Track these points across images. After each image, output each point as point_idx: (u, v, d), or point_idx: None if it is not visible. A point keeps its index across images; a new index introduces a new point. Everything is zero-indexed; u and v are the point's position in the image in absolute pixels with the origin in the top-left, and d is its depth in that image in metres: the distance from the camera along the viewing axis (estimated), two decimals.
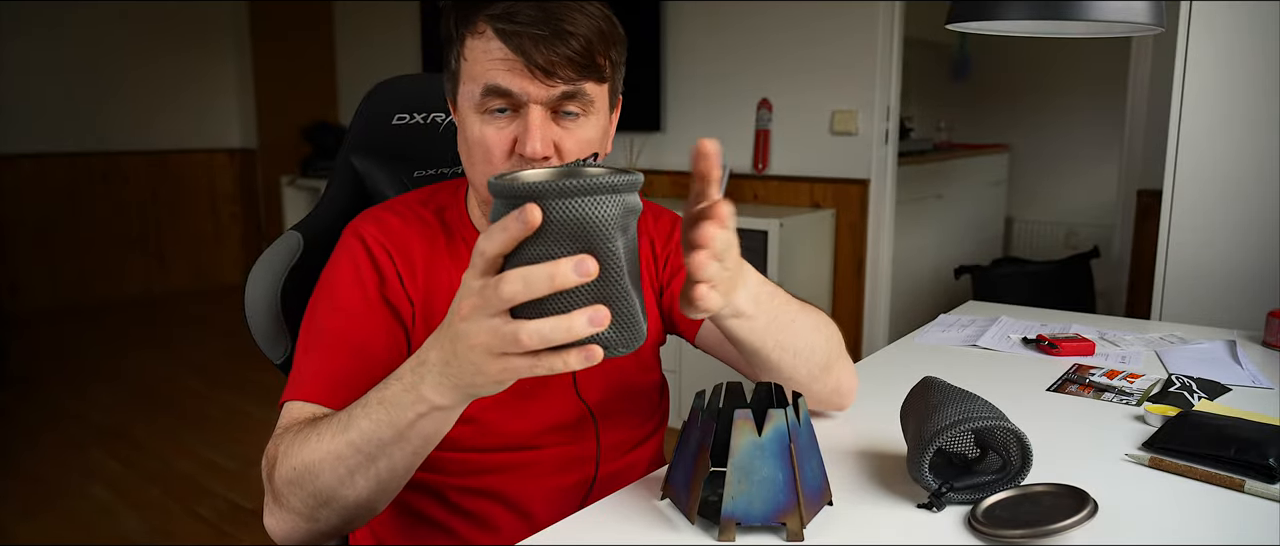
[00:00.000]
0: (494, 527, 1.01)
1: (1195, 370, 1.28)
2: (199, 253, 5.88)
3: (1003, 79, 5.46)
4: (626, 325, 0.64)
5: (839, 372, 1.01)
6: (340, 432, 0.79)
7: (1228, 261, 1.86)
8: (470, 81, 0.90)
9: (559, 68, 0.87)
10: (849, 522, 0.80)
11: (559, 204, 0.61)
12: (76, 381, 3.87)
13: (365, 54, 5.24)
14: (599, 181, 0.62)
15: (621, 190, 0.63)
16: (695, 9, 3.71)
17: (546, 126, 0.89)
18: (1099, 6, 1.05)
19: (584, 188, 0.61)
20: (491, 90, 0.88)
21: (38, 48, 5.06)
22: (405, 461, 0.79)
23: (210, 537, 2.48)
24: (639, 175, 0.65)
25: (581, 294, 0.63)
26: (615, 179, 0.62)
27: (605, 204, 0.62)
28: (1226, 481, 0.87)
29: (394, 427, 0.75)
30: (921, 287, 4.16)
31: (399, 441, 0.76)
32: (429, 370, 0.72)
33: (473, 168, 0.94)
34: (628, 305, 0.64)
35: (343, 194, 1.20)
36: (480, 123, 0.91)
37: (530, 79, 0.87)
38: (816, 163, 3.47)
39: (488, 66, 0.88)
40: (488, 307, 0.64)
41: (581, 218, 0.62)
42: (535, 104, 0.88)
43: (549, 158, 0.90)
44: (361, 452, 0.78)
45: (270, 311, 1.10)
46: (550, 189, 0.61)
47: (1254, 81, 1.81)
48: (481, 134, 0.91)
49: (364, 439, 0.77)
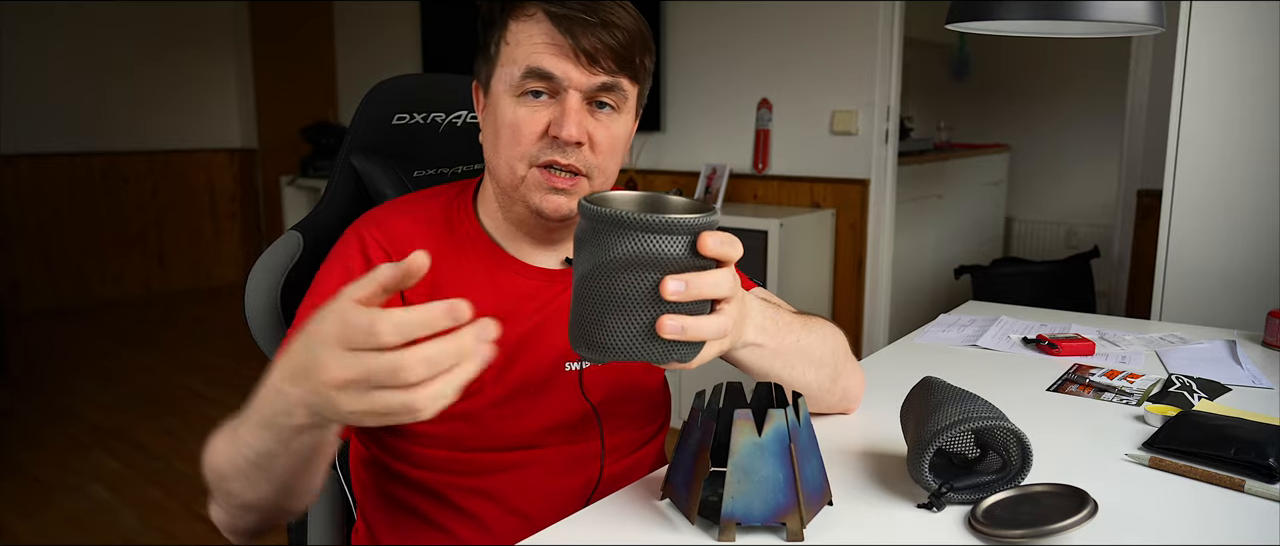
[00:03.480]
0: (494, 527, 1.01)
1: (1195, 370, 1.28)
2: (199, 252, 5.88)
3: (1003, 79, 5.46)
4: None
5: (846, 380, 1.03)
6: (230, 444, 0.74)
7: (1228, 261, 1.86)
8: (510, 64, 0.91)
9: (602, 57, 0.89)
10: (849, 522, 0.80)
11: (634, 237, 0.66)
12: (76, 381, 3.87)
13: (365, 54, 5.24)
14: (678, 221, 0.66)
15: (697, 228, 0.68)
16: (695, 9, 3.71)
17: (583, 114, 0.91)
18: (1099, 6, 1.05)
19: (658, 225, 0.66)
20: (533, 72, 0.89)
21: (38, 48, 5.06)
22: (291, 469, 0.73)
23: (210, 537, 2.48)
24: (714, 213, 0.70)
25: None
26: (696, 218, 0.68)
27: (674, 242, 0.67)
28: (1226, 481, 0.87)
29: (273, 433, 0.68)
30: (921, 287, 4.16)
31: (282, 448, 0.70)
32: (294, 401, 0.64)
33: (498, 152, 0.94)
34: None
35: (343, 194, 1.20)
36: (515, 105, 0.91)
37: (573, 64, 0.89)
38: (816, 163, 3.47)
39: (531, 49, 0.89)
40: (370, 378, 0.56)
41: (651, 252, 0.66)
42: (574, 89, 0.89)
43: (582, 144, 0.91)
44: (245, 459, 0.72)
45: (270, 311, 1.10)
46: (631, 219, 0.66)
47: (1254, 81, 1.81)
48: (515, 115, 0.91)
49: (248, 450, 0.71)
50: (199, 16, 5.74)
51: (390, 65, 4.87)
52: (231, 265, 6.03)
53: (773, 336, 0.88)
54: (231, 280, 5.98)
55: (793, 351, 0.91)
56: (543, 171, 0.92)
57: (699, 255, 0.68)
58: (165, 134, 5.66)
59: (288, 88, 5.75)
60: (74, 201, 5.30)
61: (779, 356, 0.90)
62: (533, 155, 0.92)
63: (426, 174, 1.23)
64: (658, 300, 0.67)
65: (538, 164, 0.92)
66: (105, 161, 5.41)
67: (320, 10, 5.43)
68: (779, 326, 0.89)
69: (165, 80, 5.61)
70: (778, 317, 0.89)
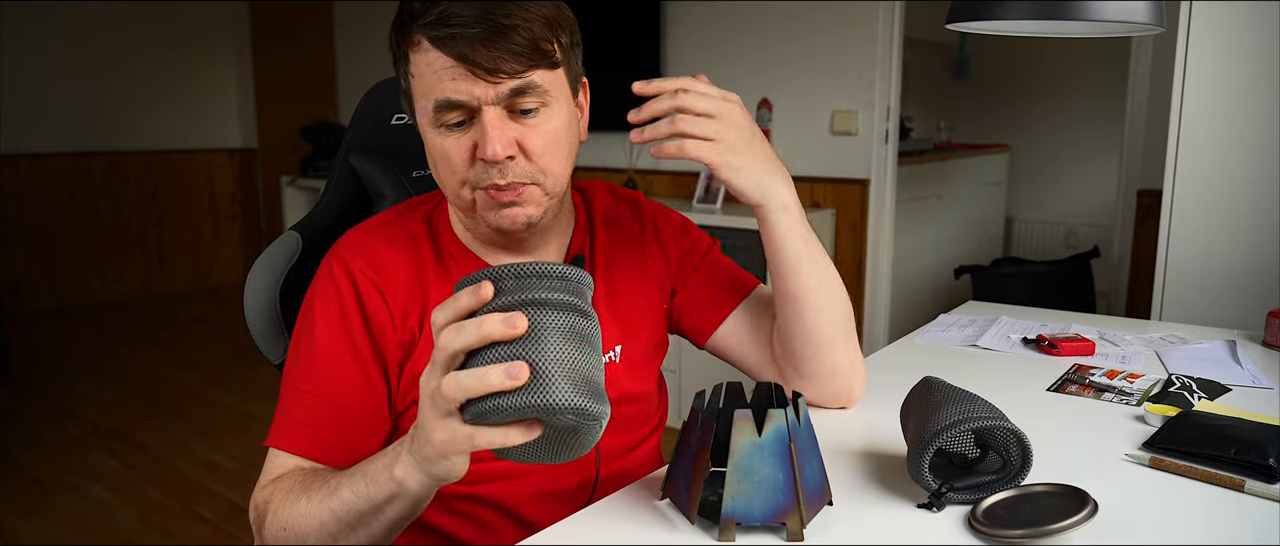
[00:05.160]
0: (494, 532, 1.00)
1: (1195, 370, 1.28)
2: (199, 252, 5.88)
3: (1003, 79, 5.46)
4: (563, 394, 0.63)
5: (855, 347, 1.05)
6: (326, 498, 0.81)
7: (1228, 261, 1.86)
8: (422, 98, 0.89)
9: (503, 63, 0.85)
10: (849, 522, 0.80)
11: (510, 282, 0.65)
12: (76, 381, 3.87)
13: (365, 54, 5.24)
14: (544, 266, 0.66)
15: (568, 278, 0.67)
16: (695, 9, 3.71)
17: (504, 126, 0.87)
18: (1099, 6, 1.05)
19: (529, 270, 0.66)
20: (442, 105, 0.87)
21: (38, 48, 5.06)
22: (382, 534, 0.80)
23: (210, 537, 2.48)
24: (583, 273, 0.68)
25: (516, 358, 0.64)
26: (557, 267, 0.67)
27: (547, 285, 0.66)
28: (1226, 481, 0.87)
29: (371, 501, 0.77)
30: (921, 288, 4.16)
31: (374, 515, 0.78)
32: (403, 446, 0.74)
33: (443, 182, 0.93)
34: (566, 377, 0.64)
35: (342, 194, 1.20)
36: (439, 137, 0.90)
37: (475, 82, 0.85)
38: (816, 162, 3.47)
39: (432, 80, 0.87)
40: (434, 367, 0.66)
41: (531, 298, 0.65)
42: (487, 105, 0.86)
43: (513, 157, 0.89)
44: (341, 521, 0.80)
45: (269, 312, 1.10)
46: (500, 272, 0.65)
47: (1254, 81, 1.81)
48: (443, 146, 0.90)
49: (345, 508, 0.79)
50: (199, 16, 5.74)
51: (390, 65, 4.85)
52: (231, 265, 6.03)
53: (802, 221, 0.95)
54: (231, 280, 5.98)
55: (820, 257, 0.97)
56: (487, 192, 0.90)
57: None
58: (165, 134, 5.66)
59: (288, 88, 5.75)
60: (74, 201, 5.30)
61: (809, 249, 0.96)
62: (472, 181, 0.90)
63: (426, 174, 1.23)
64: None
65: (480, 188, 0.90)
66: (105, 161, 5.41)
67: (320, 10, 5.43)
68: (814, 237, 0.97)
69: (165, 80, 5.61)
70: (812, 234, 0.97)
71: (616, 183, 1.60)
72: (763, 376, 1.07)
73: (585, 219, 1.07)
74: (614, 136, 3.92)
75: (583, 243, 1.05)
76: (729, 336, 1.08)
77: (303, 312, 0.97)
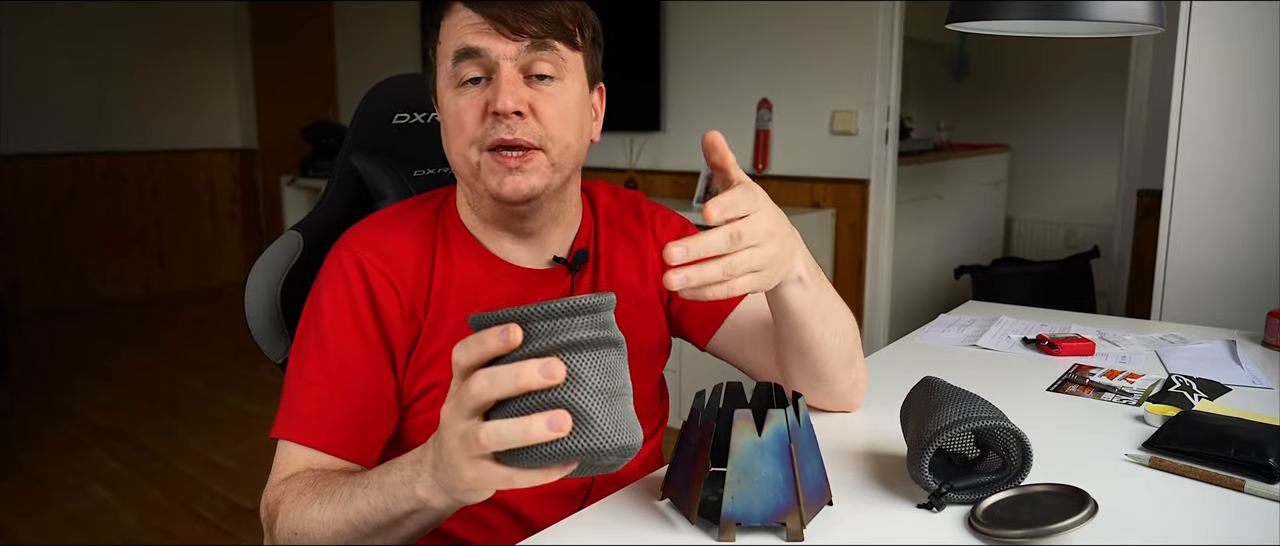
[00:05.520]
0: (494, 531, 1.01)
1: (1195, 370, 1.28)
2: (199, 252, 5.89)
3: (1003, 79, 5.46)
4: (607, 437, 0.62)
5: (860, 365, 1.04)
6: (340, 507, 0.80)
7: (1228, 261, 1.86)
8: (445, 57, 0.92)
9: (525, 23, 0.89)
10: (849, 522, 0.80)
11: (541, 324, 0.62)
12: (77, 381, 3.87)
13: (365, 54, 5.24)
14: (575, 303, 0.63)
15: (599, 309, 0.64)
16: (695, 9, 3.71)
17: (517, 84, 0.89)
18: (1099, 6, 1.05)
19: (560, 309, 0.62)
20: (462, 53, 0.90)
21: (38, 48, 5.06)
22: (402, 541, 0.80)
23: (210, 537, 2.48)
24: (610, 295, 0.65)
25: (555, 403, 0.62)
26: (587, 300, 0.63)
27: (579, 324, 0.63)
28: (1226, 481, 0.87)
29: (389, 514, 0.77)
30: (921, 287, 4.16)
31: (393, 528, 0.78)
32: (424, 468, 0.73)
33: (450, 146, 0.94)
34: (609, 419, 0.63)
35: (343, 194, 1.20)
36: (455, 96, 0.91)
37: (496, 37, 0.89)
38: (816, 162, 3.47)
39: (457, 35, 0.90)
40: (460, 409, 0.64)
41: (565, 340, 0.62)
42: (504, 59, 0.89)
43: (523, 115, 0.89)
44: (357, 531, 0.79)
45: (270, 311, 1.10)
46: (527, 313, 0.62)
47: (1254, 81, 1.81)
48: (457, 105, 0.91)
49: (361, 518, 0.79)
50: (199, 16, 5.74)
51: (390, 65, 4.87)
52: (231, 265, 6.03)
53: (816, 281, 0.90)
54: (231, 280, 5.98)
55: (830, 307, 0.94)
56: (493, 154, 0.91)
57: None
58: (165, 134, 5.66)
59: (288, 88, 5.76)
60: (74, 201, 5.30)
61: (818, 307, 0.92)
62: (479, 139, 0.91)
63: (426, 174, 1.23)
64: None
65: (486, 148, 0.90)
66: (105, 161, 5.41)
67: (320, 10, 5.43)
68: (819, 276, 0.92)
69: (165, 80, 5.61)
70: (818, 268, 0.92)
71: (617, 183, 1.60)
72: (764, 377, 1.07)
73: (591, 216, 1.07)
74: (614, 136, 3.92)
75: (587, 239, 1.06)
76: (728, 340, 1.08)
77: (309, 305, 0.97)
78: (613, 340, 0.65)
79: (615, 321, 0.66)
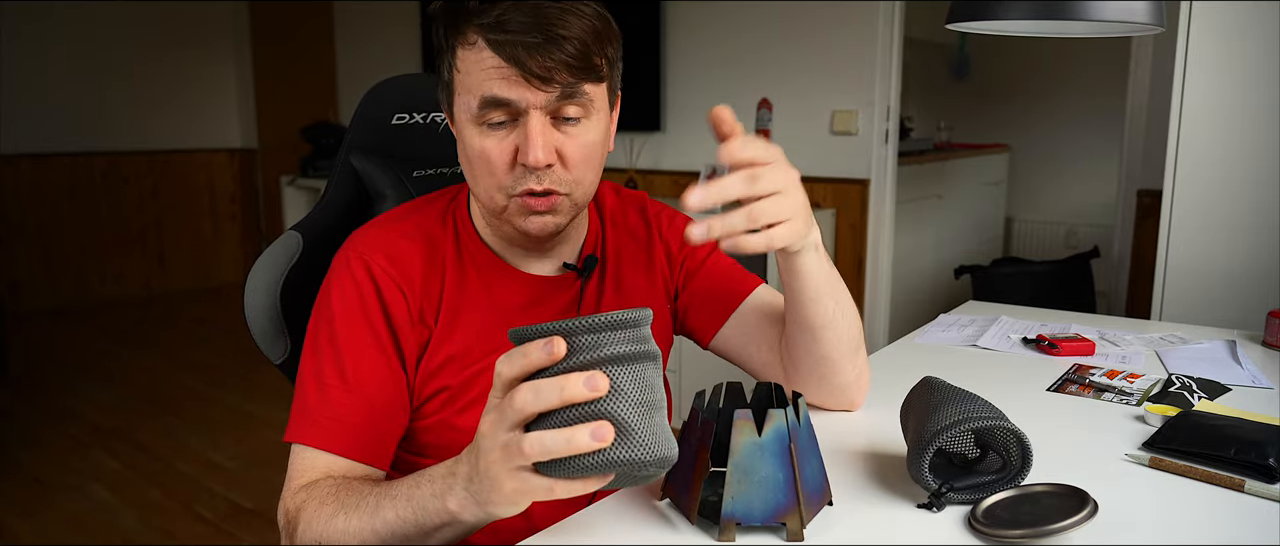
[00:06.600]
0: (495, 530, 1.00)
1: (1195, 370, 1.28)
2: (199, 252, 5.89)
3: (1003, 79, 5.46)
4: (648, 448, 0.64)
5: (863, 359, 1.04)
6: (366, 518, 0.80)
7: (1228, 261, 1.86)
8: (466, 93, 0.89)
9: (555, 73, 0.86)
10: (849, 522, 0.80)
11: (584, 337, 0.64)
12: (76, 381, 3.87)
13: (365, 54, 5.24)
14: (615, 317, 0.64)
15: (639, 324, 0.66)
16: (695, 9, 3.71)
17: (547, 133, 0.88)
18: (1099, 6, 1.05)
19: (602, 324, 0.64)
20: (489, 102, 0.87)
21: (38, 48, 5.06)
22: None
23: (210, 537, 2.48)
24: (647, 310, 0.67)
25: (596, 415, 0.63)
26: (628, 314, 0.65)
27: (620, 338, 0.65)
28: (1226, 481, 0.87)
29: (418, 527, 0.77)
30: (921, 288, 4.16)
31: (423, 538, 0.78)
32: (457, 482, 0.73)
33: (476, 181, 0.93)
34: (649, 431, 0.64)
35: (343, 194, 1.20)
36: (480, 135, 0.90)
37: (526, 87, 0.86)
38: (816, 162, 3.47)
39: (482, 78, 0.87)
40: (503, 420, 0.65)
41: (608, 354, 0.64)
42: (535, 110, 0.87)
43: (552, 166, 0.89)
44: (384, 542, 0.79)
45: (270, 311, 1.10)
46: (569, 327, 0.64)
47: (1254, 81, 1.81)
48: (482, 147, 0.90)
49: (388, 530, 0.78)
50: (199, 16, 5.74)
51: (390, 65, 4.87)
52: (231, 265, 6.03)
53: (827, 259, 0.92)
54: (231, 280, 5.98)
55: (838, 284, 0.95)
56: (521, 199, 0.91)
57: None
58: (165, 134, 5.66)
59: (288, 88, 5.76)
60: (74, 201, 5.30)
61: (830, 281, 0.93)
62: (508, 187, 0.90)
63: (426, 174, 1.23)
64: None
65: (515, 194, 0.90)
66: (105, 161, 5.41)
67: (320, 10, 5.43)
68: (827, 256, 0.93)
69: (165, 80, 5.61)
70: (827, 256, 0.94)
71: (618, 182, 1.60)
72: (765, 376, 1.07)
73: (598, 221, 1.08)
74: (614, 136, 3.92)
75: (595, 244, 1.06)
76: (732, 337, 1.08)
77: (318, 309, 0.96)
78: (650, 354, 0.66)
79: (652, 336, 0.67)
